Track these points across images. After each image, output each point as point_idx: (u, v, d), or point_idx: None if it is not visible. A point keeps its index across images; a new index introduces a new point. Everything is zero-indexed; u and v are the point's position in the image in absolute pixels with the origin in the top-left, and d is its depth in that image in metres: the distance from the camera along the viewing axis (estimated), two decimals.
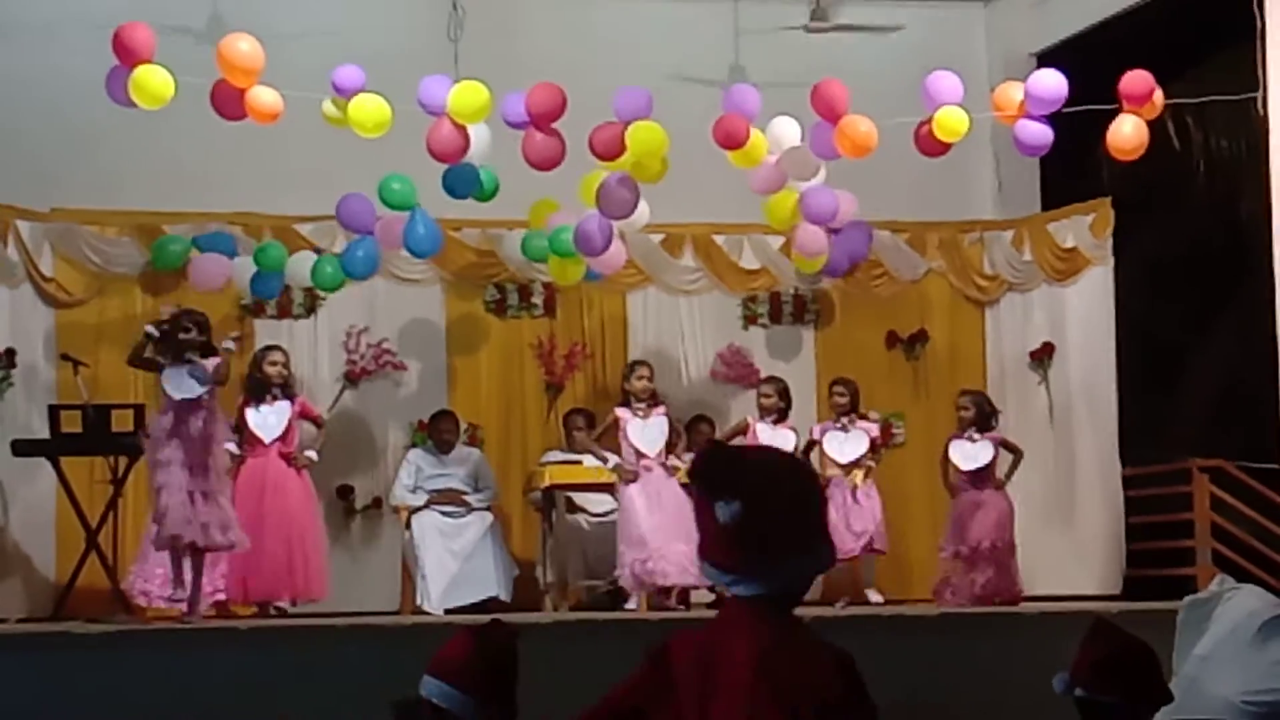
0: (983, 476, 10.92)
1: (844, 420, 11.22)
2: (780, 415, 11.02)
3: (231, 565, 10.15)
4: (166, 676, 8.15)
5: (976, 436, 10.97)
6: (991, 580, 10.73)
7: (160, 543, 9.24)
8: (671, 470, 10.62)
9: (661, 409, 10.80)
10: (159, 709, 8.01)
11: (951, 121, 10.48)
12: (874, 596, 11.07)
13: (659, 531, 10.40)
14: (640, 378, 10.86)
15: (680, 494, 10.52)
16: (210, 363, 9.26)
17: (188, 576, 9.26)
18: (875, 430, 11.26)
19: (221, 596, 10.23)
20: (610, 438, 10.84)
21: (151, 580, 9.95)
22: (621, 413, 10.77)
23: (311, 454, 10.59)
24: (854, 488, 10.99)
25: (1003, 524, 10.87)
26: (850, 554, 11.07)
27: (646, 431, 10.69)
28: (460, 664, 4.13)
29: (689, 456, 11.09)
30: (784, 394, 11.12)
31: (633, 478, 10.56)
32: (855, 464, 11.10)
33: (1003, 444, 11.06)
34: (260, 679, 8.18)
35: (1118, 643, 4.44)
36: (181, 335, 9.34)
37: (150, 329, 9.39)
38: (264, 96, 10.07)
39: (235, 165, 11.50)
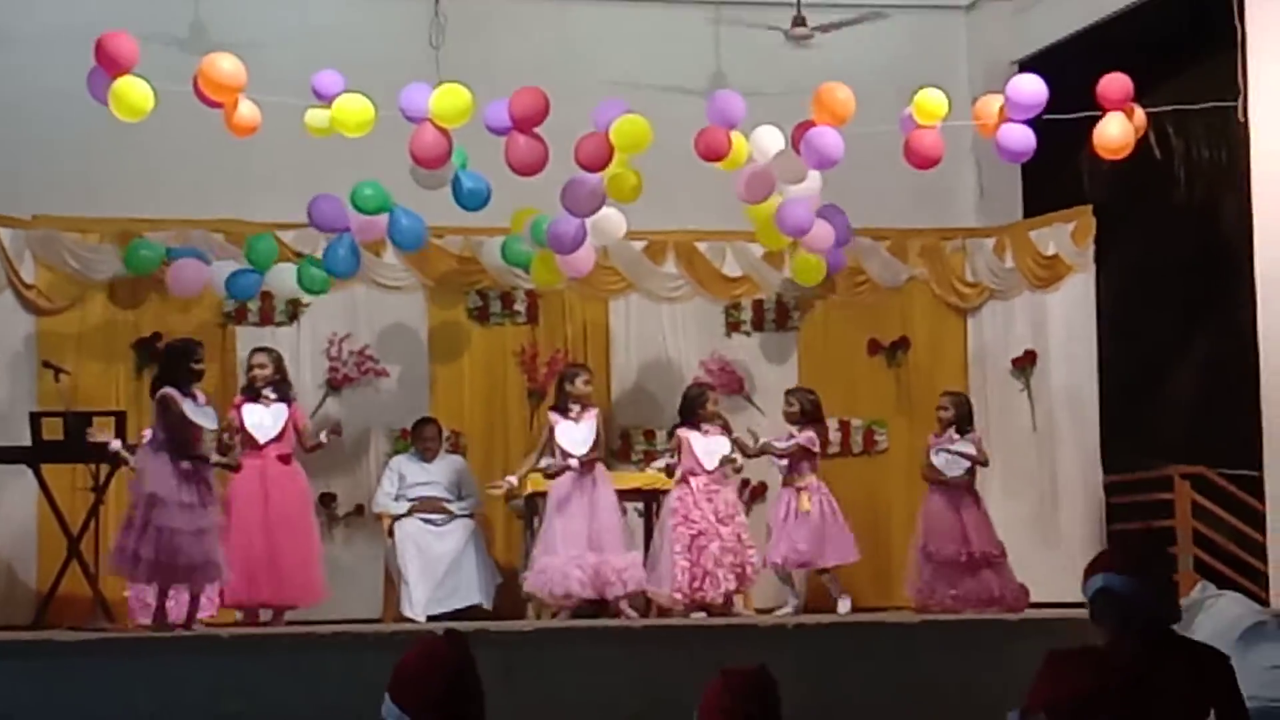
0: (964, 478, 10.94)
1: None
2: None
3: (238, 570, 10.15)
4: (149, 685, 8.16)
5: (956, 438, 10.98)
6: (991, 585, 10.72)
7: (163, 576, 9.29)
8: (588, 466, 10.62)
9: (593, 411, 10.77)
10: (141, 717, 8.00)
11: (930, 104, 10.52)
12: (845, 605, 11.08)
13: (572, 540, 10.44)
14: (586, 383, 10.85)
15: (603, 503, 10.51)
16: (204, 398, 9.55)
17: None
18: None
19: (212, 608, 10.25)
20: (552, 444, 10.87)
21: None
22: (553, 416, 10.79)
23: (323, 436, 10.72)
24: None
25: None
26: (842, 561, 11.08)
27: (576, 432, 10.66)
28: (408, 686, 4.04)
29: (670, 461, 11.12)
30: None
31: (561, 470, 10.57)
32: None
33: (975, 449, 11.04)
34: (243, 687, 8.19)
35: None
36: (194, 365, 9.47)
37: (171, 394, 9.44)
38: (245, 111, 10.10)
39: (217, 172, 11.51)
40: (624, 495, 11.00)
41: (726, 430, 11.01)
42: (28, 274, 11.28)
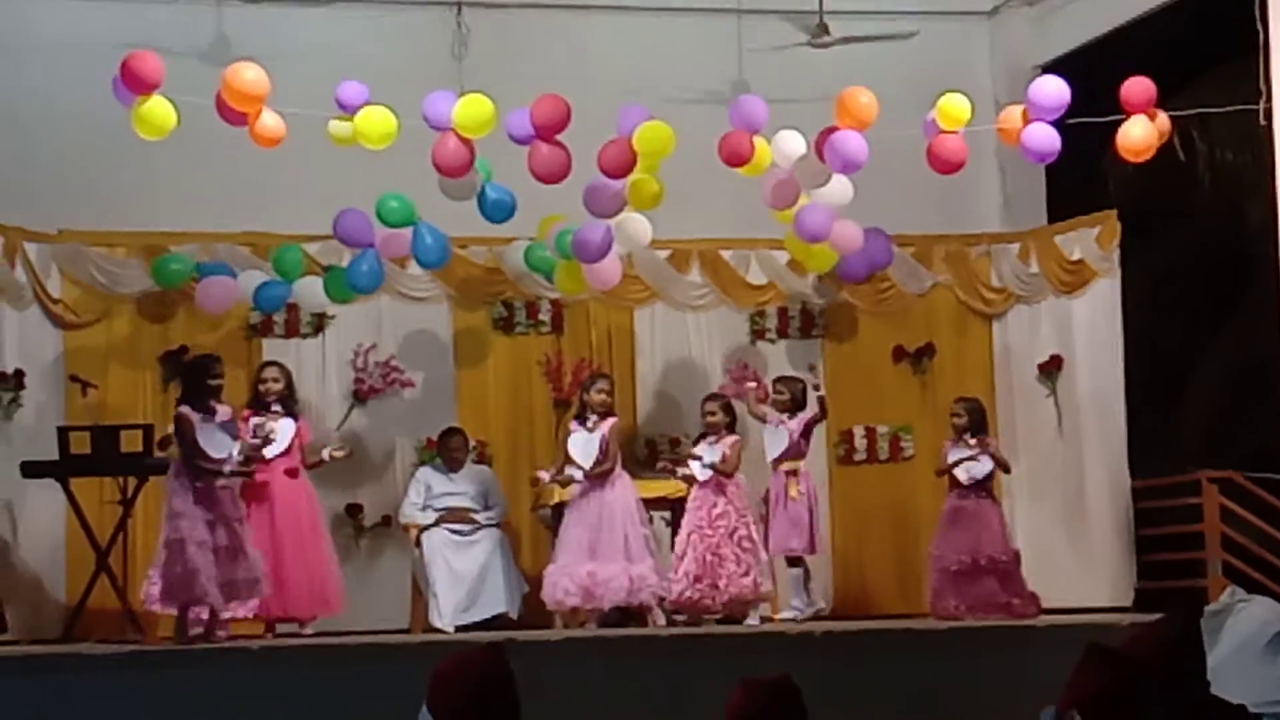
0: (981, 485, 10.91)
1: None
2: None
3: None
4: (177, 698, 8.17)
5: (971, 443, 10.96)
6: (999, 592, 10.71)
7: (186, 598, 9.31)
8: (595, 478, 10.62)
9: (609, 422, 10.75)
10: None
11: (953, 109, 10.52)
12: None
13: (570, 548, 10.50)
14: (600, 391, 10.87)
15: (611, 511, 10.49)
16: (228, 416, 9.56)
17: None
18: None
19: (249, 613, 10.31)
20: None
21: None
22: (572, 425, 10.87)
23: (328, 452, 10.75)
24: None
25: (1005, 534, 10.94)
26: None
27: (586, 443, 10.70)
28: (445, 695, 4.02)
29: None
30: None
31: (566, 482, 10.65)
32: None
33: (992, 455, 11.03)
34: (272, 699, 8.19)
35: (1114, 672, 4.32)
36: (210, 381, 9.49)
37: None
38: (267, 121, 10.12)
39: (242, 186, 11.54)
40: (649, 504, 11.02)
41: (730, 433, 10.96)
42: (54, 288, 11.31)
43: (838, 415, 12.07)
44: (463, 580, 11.04)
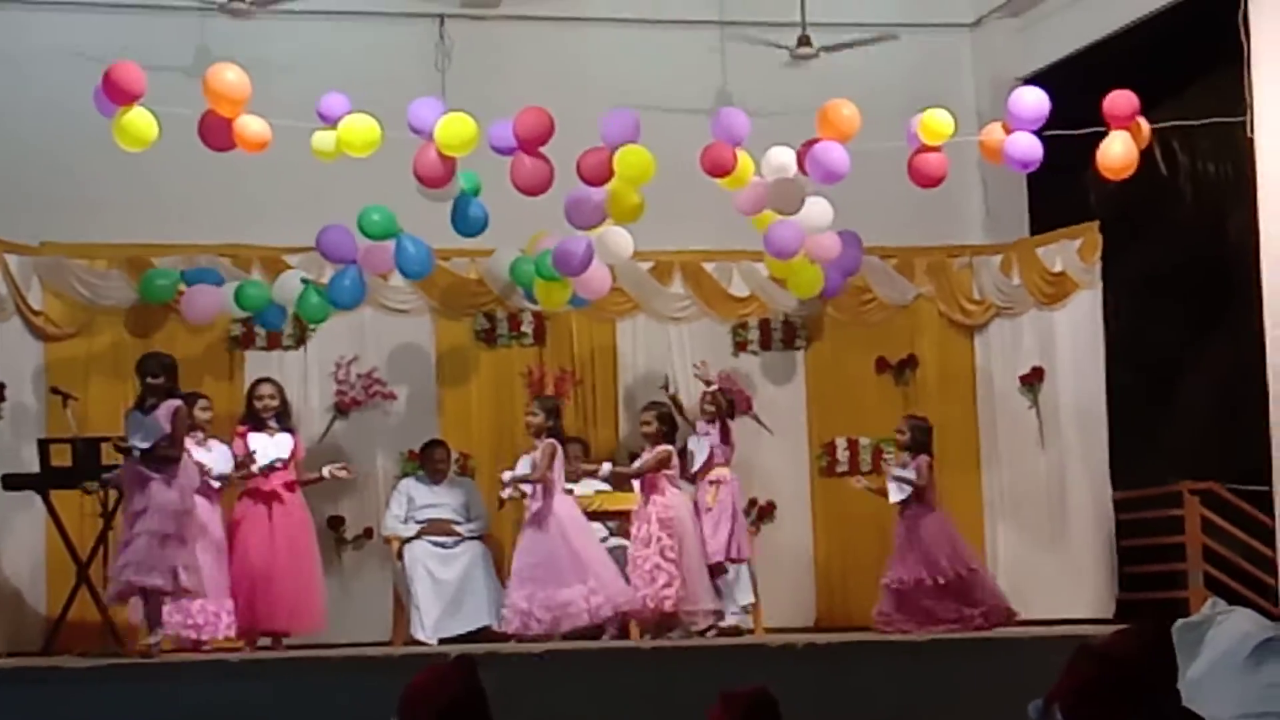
0: (912, 502, 10.87)
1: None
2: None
3: (241, 596, 10.32)
4: (158, 711, 8.15)
5: (908, 461, 10.94)
6: (959, 607, 10.67)
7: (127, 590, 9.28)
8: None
9: (540, 444, 10.57)
10: None
11: (936, 124, 10.53)
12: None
13: (520, 576, 10.41)
14: (528, 413, 10.85)
15: (551, 536, 10.35)
16: (168, 407, 9.34)
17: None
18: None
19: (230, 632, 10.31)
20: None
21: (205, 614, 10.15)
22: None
23: (329, 470, 10.80)
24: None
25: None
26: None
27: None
28: (415, 710, 4.02)
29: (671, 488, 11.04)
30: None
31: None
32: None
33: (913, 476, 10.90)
34: (253, 712, 8.17)
35: (1101, 668, 4.37)
36: (145, 379, 9.46)
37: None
38: (252, 126, 10.12)
39: (224, 197, 11.54)
40: (616, 517, 11.16)
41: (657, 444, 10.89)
42: (35, 300, 11.28)
43: (820, 427, 12.09)
44: (445, 592, 11.04)
